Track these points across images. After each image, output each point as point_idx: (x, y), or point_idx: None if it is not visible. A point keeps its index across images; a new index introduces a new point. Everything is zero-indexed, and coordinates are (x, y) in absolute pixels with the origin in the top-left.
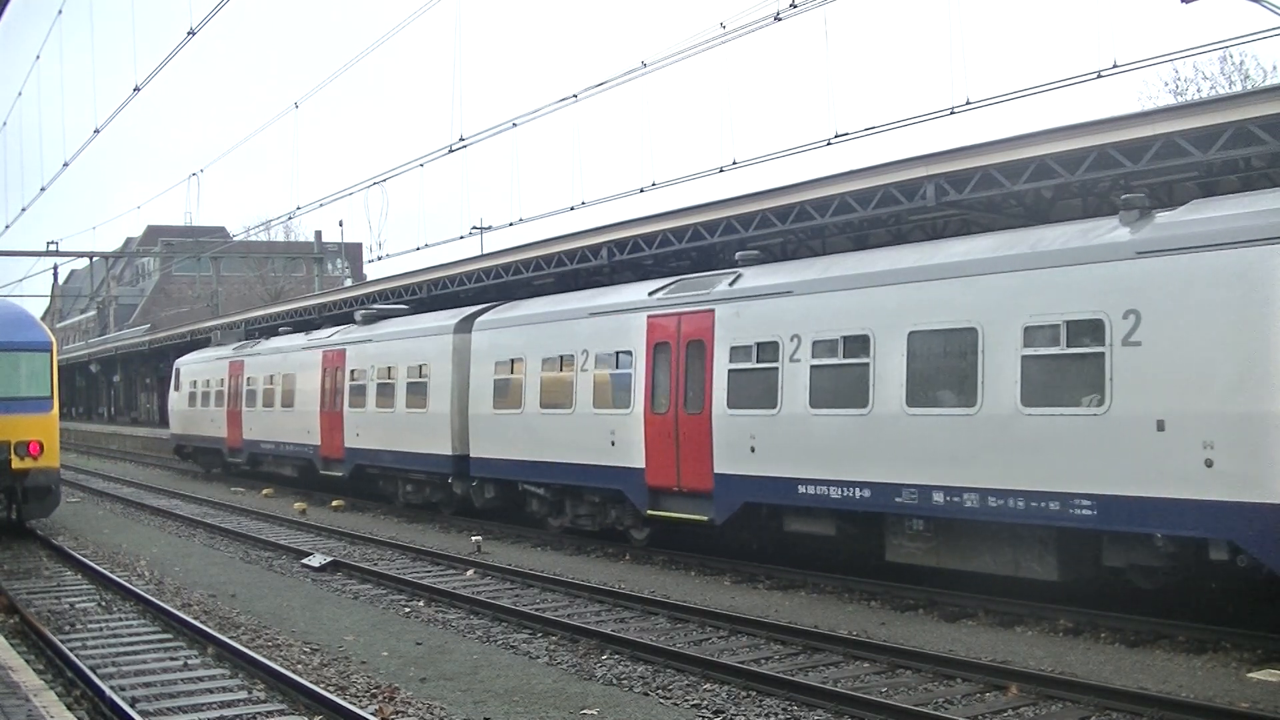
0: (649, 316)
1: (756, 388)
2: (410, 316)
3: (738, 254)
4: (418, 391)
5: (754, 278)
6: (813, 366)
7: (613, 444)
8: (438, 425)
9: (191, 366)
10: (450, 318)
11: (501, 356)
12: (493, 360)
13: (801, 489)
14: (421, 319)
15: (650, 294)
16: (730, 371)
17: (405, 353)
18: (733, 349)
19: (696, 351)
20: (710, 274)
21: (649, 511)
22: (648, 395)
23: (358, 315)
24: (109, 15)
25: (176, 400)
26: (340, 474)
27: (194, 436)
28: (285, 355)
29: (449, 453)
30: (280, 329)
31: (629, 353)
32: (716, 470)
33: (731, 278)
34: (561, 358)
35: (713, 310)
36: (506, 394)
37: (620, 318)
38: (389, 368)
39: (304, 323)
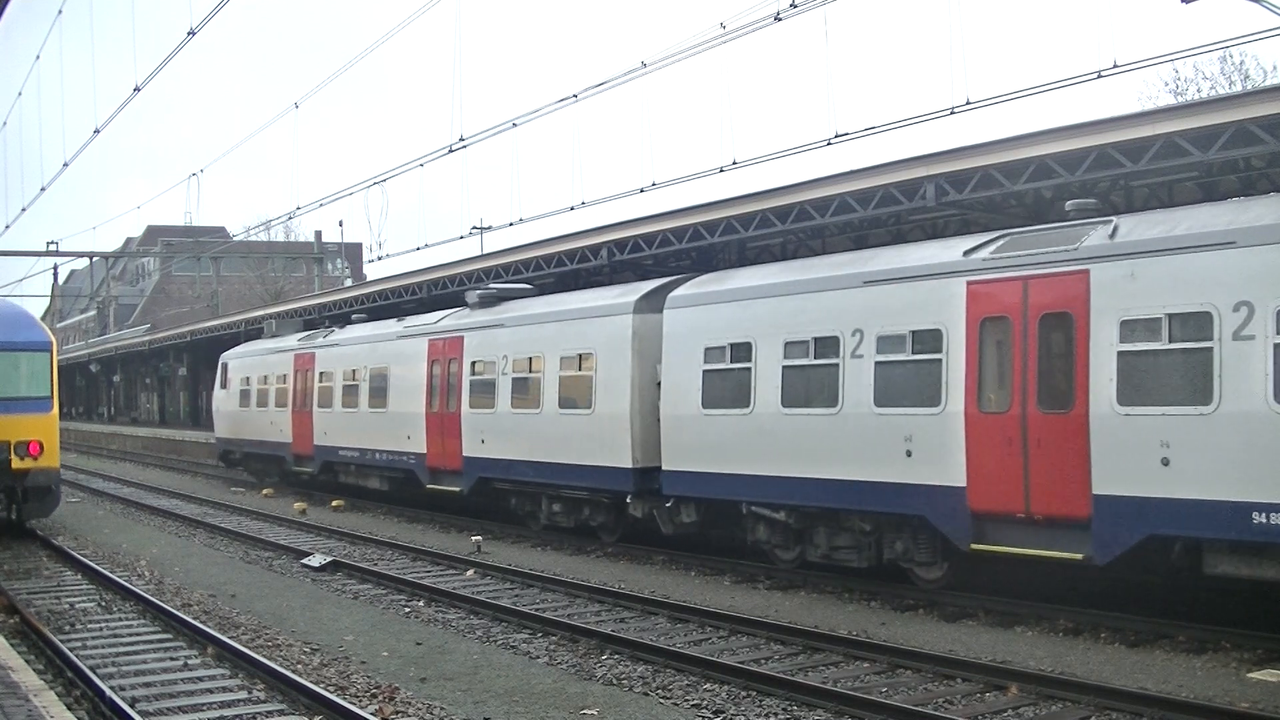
0: (970, 283)
1: (1168, 376)
2: (552, 296)
3: (1069, 204)
4: (577, 388)
5: (1150, 224)
6: (1275, 345)
7: (908, 454)
8: (609, 430)
9: (244, 361)
10: (624, 293)
11: (715, 340)
12: (700, 346)
13: (1258, 517)
14: (575, 298)
15: (968, 253)
16: (1122, 354)
17: (555, 340)
18: (1125, 324)
19: (1057, 327)
20: (1064, 225)
21: (973, 546)
22: (971, 388)
23: (471, 296)
24: (109, 15)
25: (224, 400)
26: (457, 489)
27: (247, 441)
28: (374, 346)
29: (627, 465)
30: (353, 317)
31: (935, 331)
32: (1097, 490)
33: (1107, 227)
34: (816, 341)
35: (1086, 271)
36: (725, 389)
37: (918, 286)
38: (529, 359)
39: (387, 308)
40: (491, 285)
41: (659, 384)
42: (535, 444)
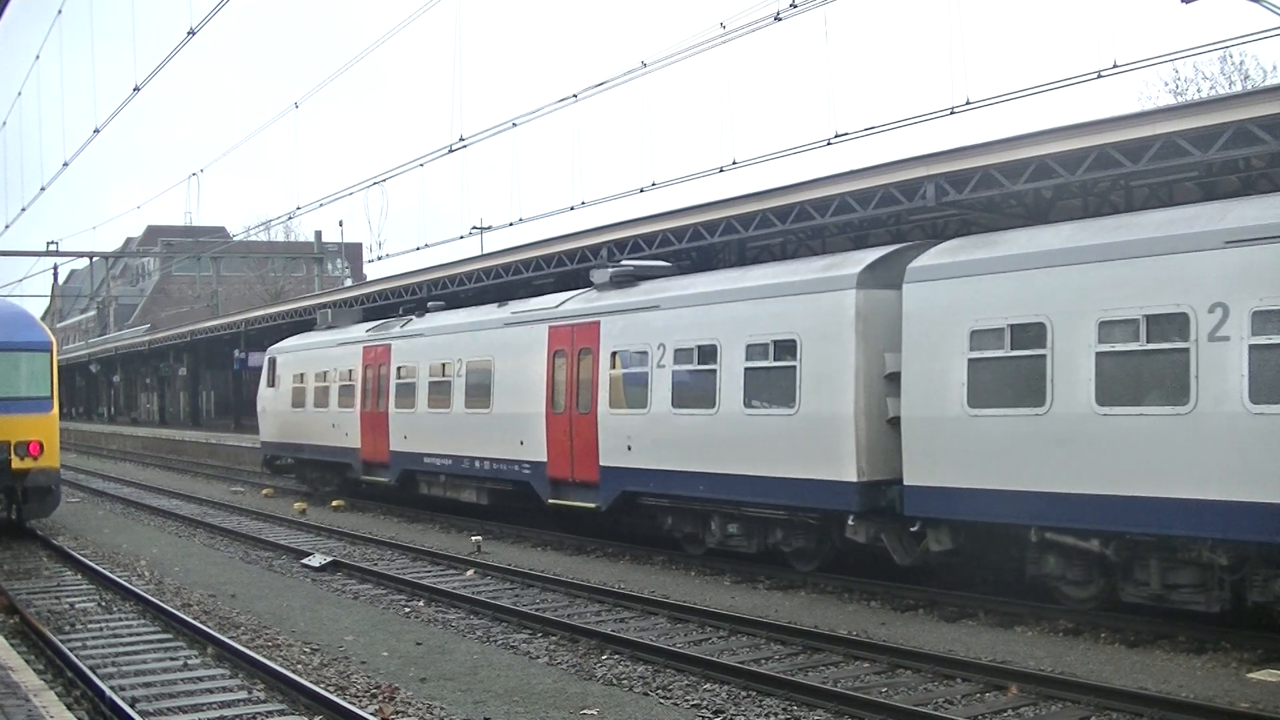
0: None
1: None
2: (723, 272)
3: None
4: (773, 383)
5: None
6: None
7: None
8: (820, 435)
9: (297, 356)
10: (838, 264)
11: (988, 321)
12: (963, 328)
13: None
14: (763, 272)
15: None
16: None
17: (740, 323)
18: None
19: None
20: None
21: None
22: None
23: (599, 275)
24: (109, 15)
25: (271, 399)
26: (592, 504)
27: (301, 446)
28: (472, 336)
29: (849, 478)
30: (429, 305)
31: None
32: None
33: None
34: (1149, 320)
35: None
36: (1003, 383)
37: None
38: (697, 347)
39: (484, 291)
40: (624, 261)
41: (889, 376)
42: (708, 452)
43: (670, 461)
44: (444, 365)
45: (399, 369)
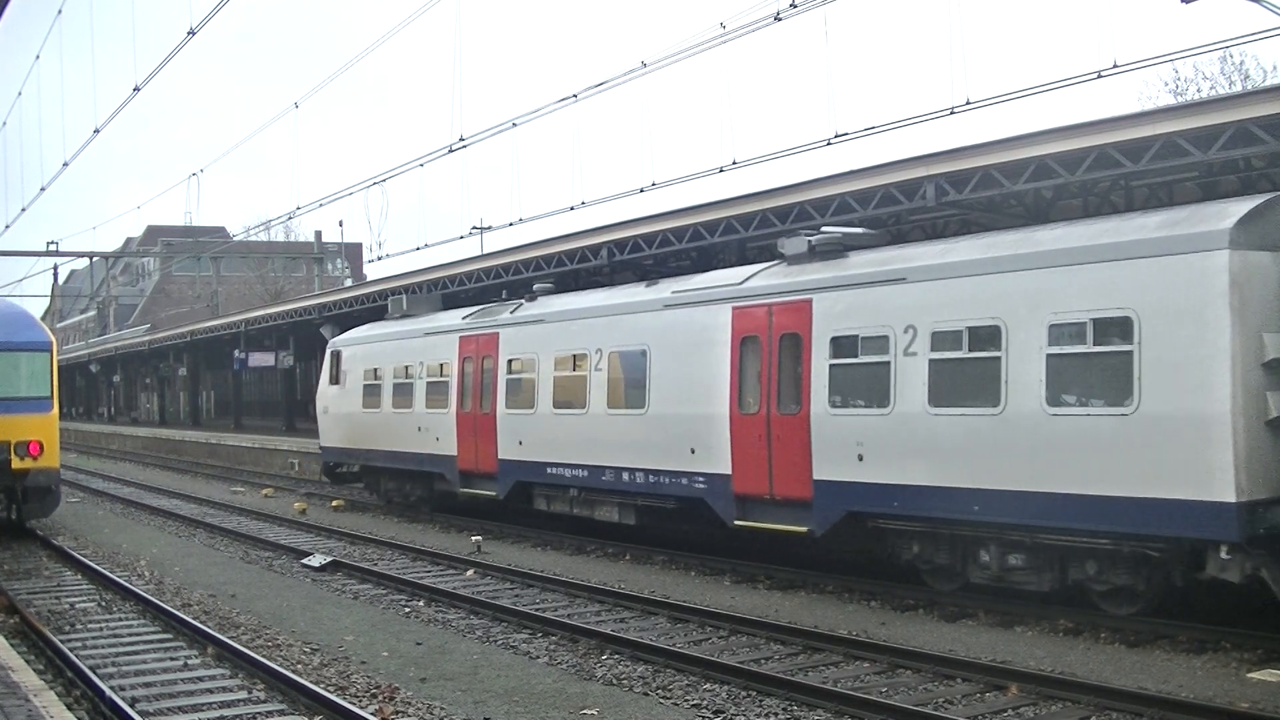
0: None
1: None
2: (988, 237)
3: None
4: (1096, 373)
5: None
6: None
7: None
8: (1176, 441)
9: (370, 349)
10: (1198, 219)
11: None
12: None
13: None
14: (1067, 231)
15: None
16: None
17: (1037, 296)
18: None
19: None
20: None
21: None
22: None
23: (792, 245)
24: (109, 15)
25: (336, 399)
26: (803, 527)
27: (374, 452)
28: (617, 321)
29: (1226, 498)
30: (535, 287)
31: None
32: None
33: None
34: None
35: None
36: None
37: None
38: (966, 330)
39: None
40: (829, 229)
41: (1269, 364)
42: (988, 462)
43: (923, 474)
44: (576, 357)
45: (510, 362)
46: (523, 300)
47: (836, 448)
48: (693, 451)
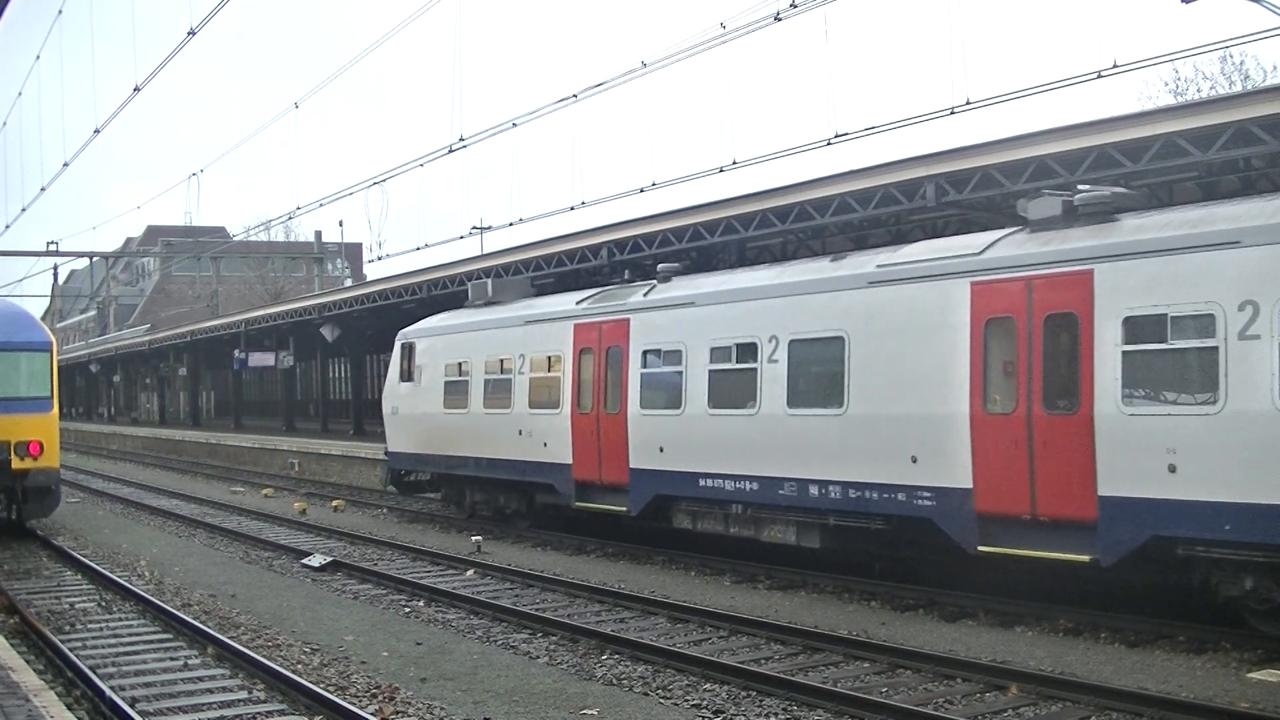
0: None
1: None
2: None
3: None
4: None
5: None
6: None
7: None
8: None
9: (451, 340)
10: None
11: None
12: None
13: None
14: None
15: None
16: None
17: None
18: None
19: None
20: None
21: None
22: None
23: (1040, 207)
24: (109, 15)
25: (407, 397)
26: (1084, 555)
27: (459, 459)
28: (799, 302)
29: None
30: (660, 268)
31: None
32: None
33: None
34: None
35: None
36: None
37: None
38: None
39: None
40: (1085, 188)
41: None
42: None
43: (1264, 490)
44: (740, 347)
45: (646, 353)
46: (653, 281)
47: (1135, 455)
48: (914, 460)
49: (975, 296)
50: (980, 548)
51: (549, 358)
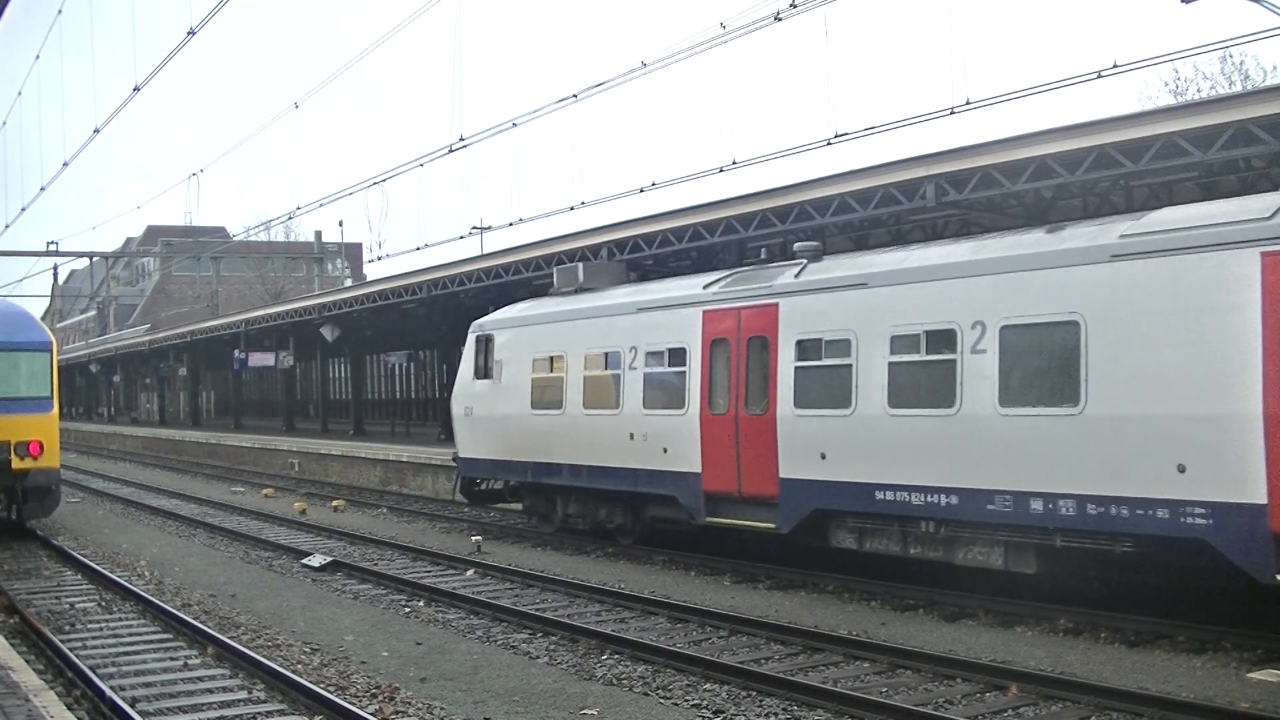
0: None
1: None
2: None
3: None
4: None
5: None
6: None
7: None
8: None
9: (539, 331)
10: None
11: None
12: None
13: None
14: None
15: None
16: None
17: None
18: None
19: None
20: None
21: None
22: None
23: None
24: (109, 15)
25: (485, 397)
26: None
27: (550, 467)
28: (1003, 282)
29: None
30: (796, 247)
31: None
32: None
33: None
34: None
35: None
36: None
37: None
38: None
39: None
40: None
41: None
42: None
43: None
44: (930, 335)
45: (801, 344)
46: (801, 261)
47: None
48: (1181, 470)
49: (1269, 271)
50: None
51: (669, 350)
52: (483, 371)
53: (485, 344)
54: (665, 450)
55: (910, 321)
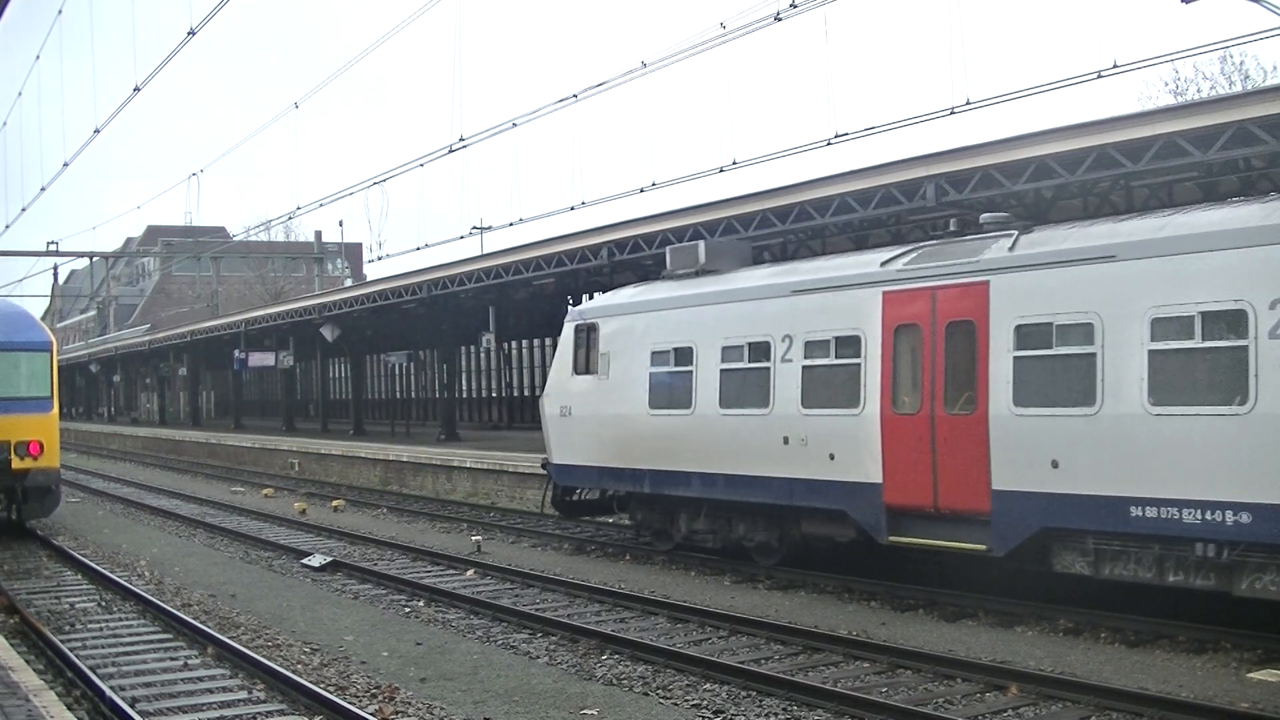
0: None
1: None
2: None
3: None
4: None
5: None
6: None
7: None
8: None
9: (660, 320)
10: None
11: None
12: None
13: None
14: None
15: None
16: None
17: None
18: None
19: None
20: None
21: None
22: None
23: None
24: (109, 15)
25: (590, 394)
26: None
27: (675, 476)
28: None
29: None
30: (983, 217)
31: None
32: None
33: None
34: None
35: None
36: None
37: None
38: None
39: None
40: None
41: None
42: None
43: None
44: (1207, 318)
45: (1022, 329)
46: (1011, 232)
47: None
48: None
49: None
50: None
51: (836, 339)
52: (584, 365)
53: (588, 335)
54: (832, 457)
55: (1178, 301)
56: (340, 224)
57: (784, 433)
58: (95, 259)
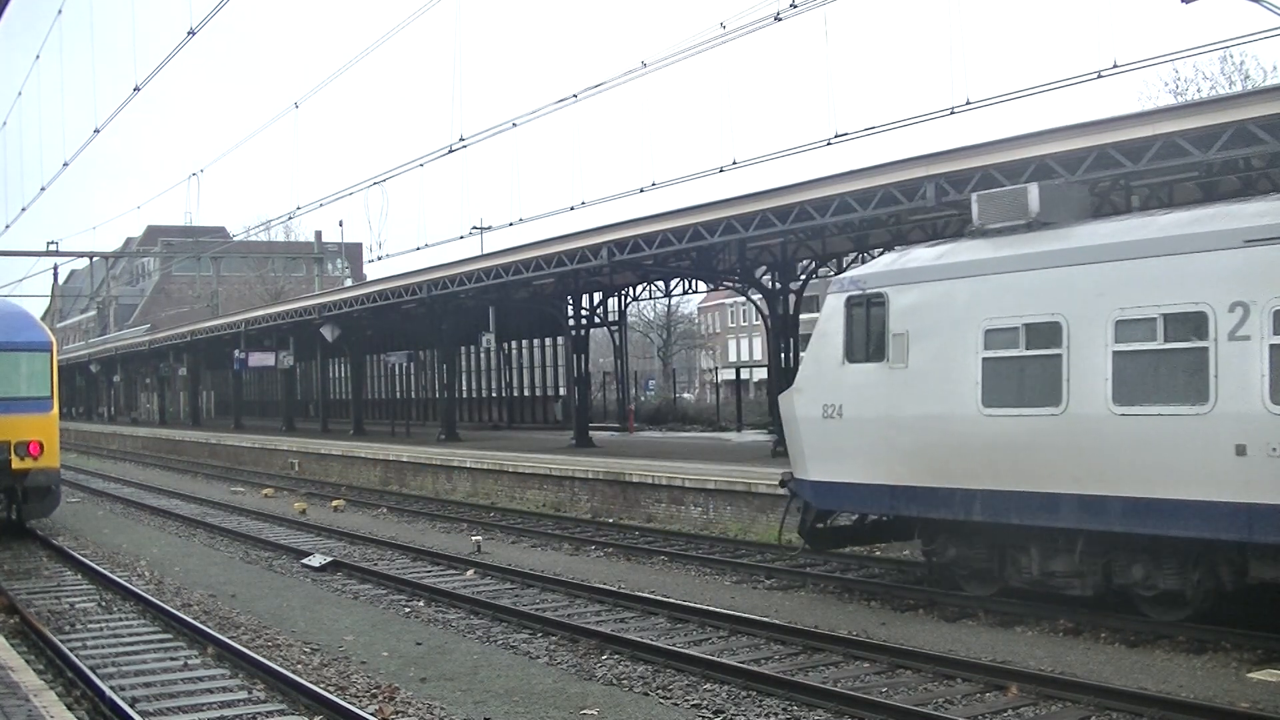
0: None
1: None
2: None
3: None
4: None
5: None
6: None
7: None
8: None
9: (989, 286)
10: None
11: None
12: None
13: None
14: None
15: None
16: None
17: None
18: None
19: None
20: None
21: None
22: None
23: None
24: (109, 15)
25: (870, 387)
26: None
27: (1018, 498)
28: None
29: None
30: None
31: None
32: None
33: None
34: None
35: None
36: None
37: None
38: None
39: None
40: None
41: None
42: None
43: None
44: None
45: None
46: None
47: None
48: None
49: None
50: None
51: None
52: (866, 351)
53: (870, 309)
54: None
55: None
56: (340, 224)
57: (1236, 440)
58: (95, 259)
